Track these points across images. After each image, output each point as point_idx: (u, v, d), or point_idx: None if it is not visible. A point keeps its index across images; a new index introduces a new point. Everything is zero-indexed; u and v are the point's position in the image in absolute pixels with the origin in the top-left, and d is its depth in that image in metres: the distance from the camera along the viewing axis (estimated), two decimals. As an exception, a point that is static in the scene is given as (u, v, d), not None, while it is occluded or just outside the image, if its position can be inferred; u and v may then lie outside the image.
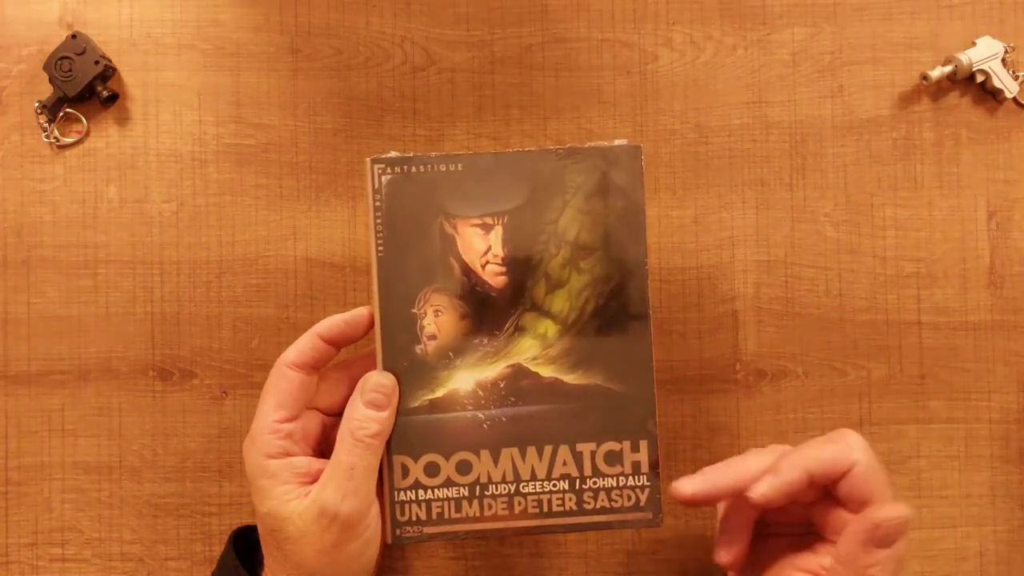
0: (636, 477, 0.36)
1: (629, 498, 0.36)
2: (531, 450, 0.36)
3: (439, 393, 0.35)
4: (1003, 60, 0.44)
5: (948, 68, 0.44)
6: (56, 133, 0.44)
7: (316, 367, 0.36)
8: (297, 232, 0.45)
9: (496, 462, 0.35)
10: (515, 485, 0.36)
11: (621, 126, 0.45)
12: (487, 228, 0.36)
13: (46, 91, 0.44)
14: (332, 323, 0.36)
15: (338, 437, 0.34)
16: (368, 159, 0.35)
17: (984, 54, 0.44)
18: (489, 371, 0.35)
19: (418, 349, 0.35)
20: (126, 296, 0.44)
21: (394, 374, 0.35)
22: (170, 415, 0.44)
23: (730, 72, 0.45)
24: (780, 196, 0.45)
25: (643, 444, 0.36)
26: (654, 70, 0.45)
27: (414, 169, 0.35)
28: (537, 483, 0.36)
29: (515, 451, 0.36)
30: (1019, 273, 0.45)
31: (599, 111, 0.45)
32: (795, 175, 0.45)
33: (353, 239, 0.45)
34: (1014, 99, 0.45)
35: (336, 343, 0.36)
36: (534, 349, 0.36)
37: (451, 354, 0.35)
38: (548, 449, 0.36)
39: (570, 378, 0.36)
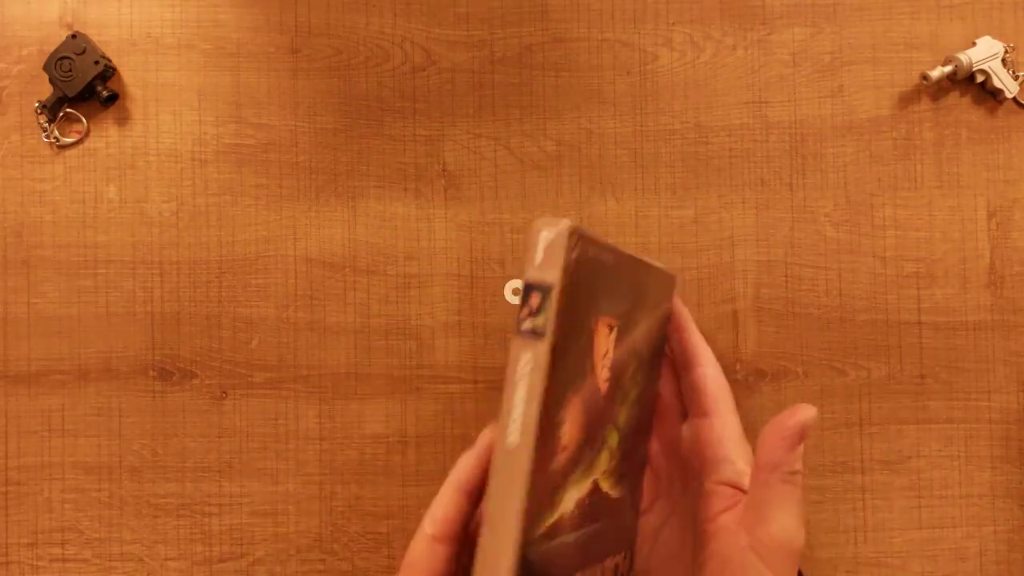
0: None
1: None
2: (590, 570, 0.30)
3: (555, 517, 0.26)
4: (1003, 60, 0.44)
5: (948, 68, 0.44)
6: (56, 133, 0.44)
7: (462, 532, 0.30)
8: (297, 232, 0.45)
9: None
10: None
11: (621, 126, 0.45)
12: (610, 328, 0.29)
13: (46, 91, 0.44)
14: (469, 470, 0.29)
15: None
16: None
17: (984, 54, 0.44)
18: (584, 488, 0.28)
19: (554, 462, 0.26)
20: (126, 296, 0.44)
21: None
22: (170, 415, 0.44)
23: (730, 72, 0.45)
24: (780, 196, 0.45)
25: (629, 553, 0.33)
26: (654, 70, 0.45)
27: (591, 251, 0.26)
28: None
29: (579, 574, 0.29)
30: (1019, 273, 0.45)
31: (599, 111, 0.45)
32: (795, 175, 0.45)
33: (353, 239, 0.45)
34: (1014, 99, 0.45)
35: (477, 495, 0.30)
36: (606, 462, 0.30)
37: (571, 468, 0.27)
38: (597, 569, 0.30)
39: (614, 492, 0.31)
